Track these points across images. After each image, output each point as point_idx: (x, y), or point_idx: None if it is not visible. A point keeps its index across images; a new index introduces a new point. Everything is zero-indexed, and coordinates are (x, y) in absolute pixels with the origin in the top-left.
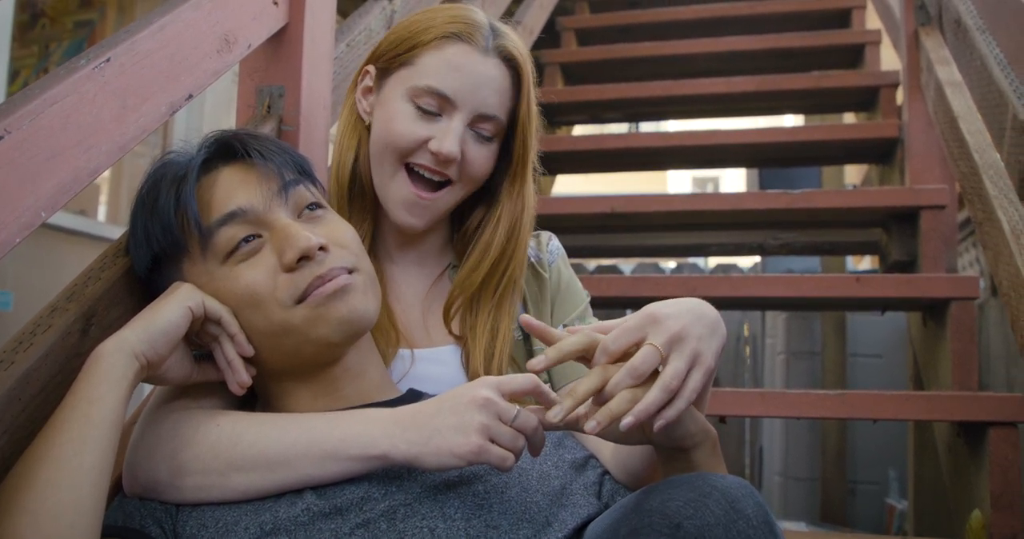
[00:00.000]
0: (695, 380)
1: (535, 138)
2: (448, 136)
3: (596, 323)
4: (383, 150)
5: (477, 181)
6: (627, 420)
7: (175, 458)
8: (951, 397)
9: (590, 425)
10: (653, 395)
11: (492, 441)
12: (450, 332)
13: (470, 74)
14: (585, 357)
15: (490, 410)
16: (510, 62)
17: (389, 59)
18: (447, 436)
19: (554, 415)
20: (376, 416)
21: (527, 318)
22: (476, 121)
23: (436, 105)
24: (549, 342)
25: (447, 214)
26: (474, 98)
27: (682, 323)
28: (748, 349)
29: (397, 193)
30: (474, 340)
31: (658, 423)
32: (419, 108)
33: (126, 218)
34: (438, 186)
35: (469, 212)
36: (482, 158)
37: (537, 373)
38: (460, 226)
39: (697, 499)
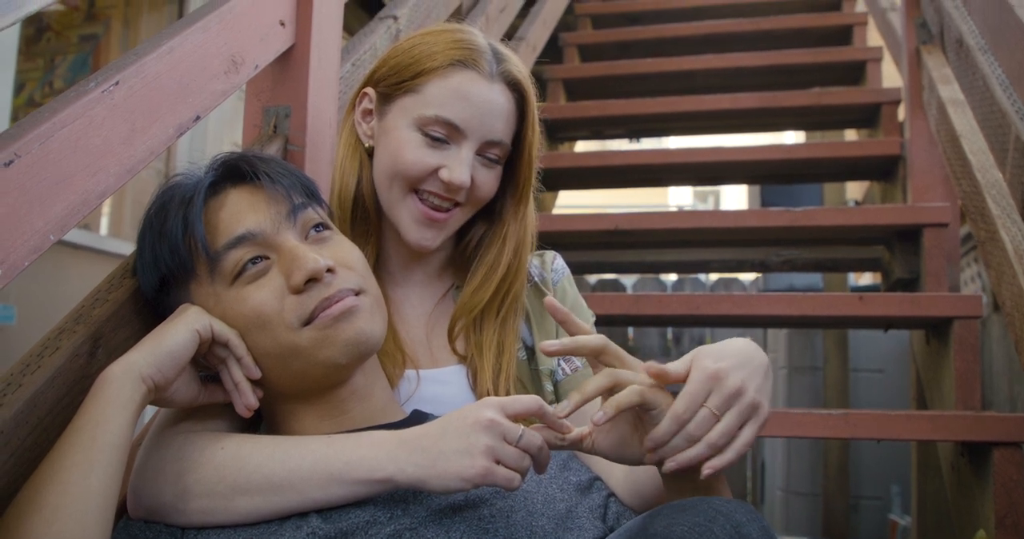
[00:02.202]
0: (748, 433)
1: (536, 159)
2: (459, 166)
3: (619, 354)
4: (392, 178)
5: (483, 203)
6: (669, 465)
7: (180, 481)
8: (955, 417)
9: (597, 416)
10: (696, 450)
11: (498, 462)
12: (455, 351)
13: (478, 103)
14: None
15: (495, 431)
16: (515, 86)
17: (392, 85)
18: (453, 459)
19: (562, 409)
20: (381, 439)
21: (551, 301)
22: (484, 148)
23: (445, 133)
24: (571, 330)
25: (453, 233)
26: (482, 126)
27: (741, 377)
28: None
29: (408, 214)
30: (481, 357)
31: (705, 472)
32: (428, 136)
33: (128, 232)
34: (447, 209)
35: (468, 228)
36: (490, 182)
37: (564, 417)
38: (459, 243)
39: (702, 524)
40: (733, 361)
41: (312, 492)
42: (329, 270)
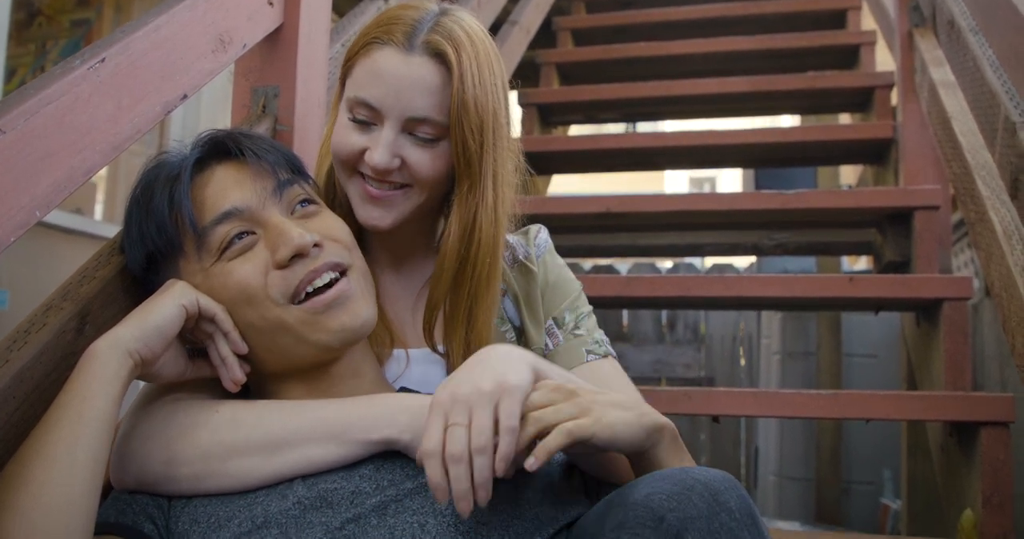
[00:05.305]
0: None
1: (491, 134)
2: (377, 147)
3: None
4: (335, 161)
5: (430, 183)
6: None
7: (170, 447)
8: (944, 397)
9: (529, 461)
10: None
11: None
12: (433, 349)
13: (390, 79)
14: None
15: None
16: (439, 57)
17: (343, 71)
18: None
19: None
20: (383, 401)
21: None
22: (409, 125)
23: (367, 115)
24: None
25: (414, 216)
26: (398, 103)
27: (471, 381)
28: (743, 349)
29: (355, 193)
30: (454, 354)
31: (529, 463)
32: (355, 119)
33: (122, 217)
34: (389, 188)
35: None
36: (426, 161)
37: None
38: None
39: (681, 493)
40: (466, 385)
41: (310, 450)
42: (316, 245)
